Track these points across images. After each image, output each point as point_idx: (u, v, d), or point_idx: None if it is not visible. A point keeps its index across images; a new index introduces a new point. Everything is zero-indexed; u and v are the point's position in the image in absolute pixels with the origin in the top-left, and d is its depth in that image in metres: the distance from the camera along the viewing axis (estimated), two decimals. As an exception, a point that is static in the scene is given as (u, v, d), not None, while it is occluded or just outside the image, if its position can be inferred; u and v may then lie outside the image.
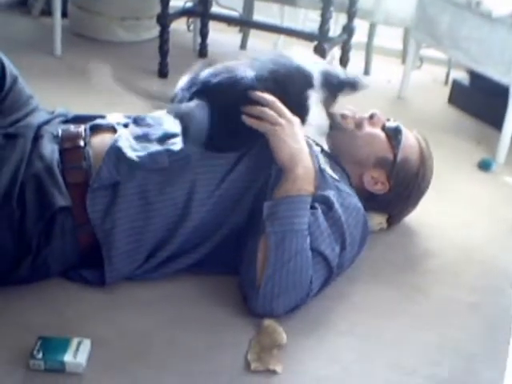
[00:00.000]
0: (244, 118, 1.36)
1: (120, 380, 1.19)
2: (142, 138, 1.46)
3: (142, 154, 1.41)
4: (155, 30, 2.98)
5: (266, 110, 1.37)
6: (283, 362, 1.26)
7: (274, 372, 1.24)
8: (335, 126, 1.56)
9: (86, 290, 1.38)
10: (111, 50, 2.86)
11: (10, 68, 1.50)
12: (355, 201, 1.49)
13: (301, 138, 1.41)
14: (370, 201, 1.57)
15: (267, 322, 1.34)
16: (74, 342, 1.21)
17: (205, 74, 1.39)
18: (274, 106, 1.37)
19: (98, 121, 1.52)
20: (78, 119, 1.53)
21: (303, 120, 1.43)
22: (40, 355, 1.18)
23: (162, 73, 2.61)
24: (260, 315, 1.34)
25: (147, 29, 3.02)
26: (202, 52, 2.90)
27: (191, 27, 3.10)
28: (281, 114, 1.38)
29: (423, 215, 1.76)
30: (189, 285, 1.43)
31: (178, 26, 2.90)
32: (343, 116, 1.60)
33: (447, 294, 1.53)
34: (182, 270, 1.43)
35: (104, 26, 2.96)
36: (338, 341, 1.35)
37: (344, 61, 2.56)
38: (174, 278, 1.43)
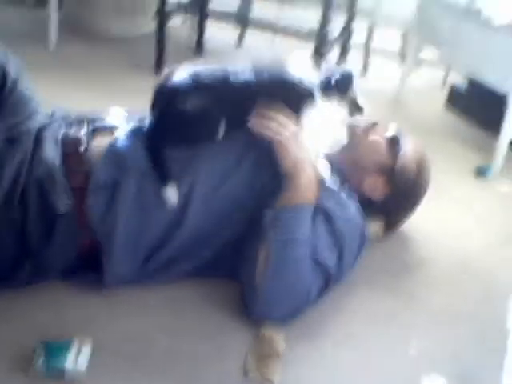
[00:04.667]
0: (251, 124, 1.37)
1: (120, 385, 1.19)
2: (140, 136, 1.44)
3: (140, 153, 1.39)
4: (151, 25, 2.96)
5: (271, 122, 1.38)
6: (280, 371, 1.26)
7: (270, 382, 1.24)
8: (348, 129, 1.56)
9: (86, 293, 1.37)
10: (106, 45, 2.84)
11: (12, 70, 1.48)
12: (354, 211, 1.50)
13: (304, 149, 1.41)
14: (368, 206, 1.57)
15: (265, 330, 1.34)
16: (75, 347, 1.21)
17: (205, 71, 1.39)
18: (277, 120, 1.39)
19: (98, 124, 1.50)
20: (77, 121, 1.51)
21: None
22: (40, 361, 1.17)
23: (158, 69, 2.58)
24: (259, 320, 1.35)
25: (143, 24, 3.00)
26: (199, 48, 2.89)
27: (187, 23, 3.07)
28: (285, 126, 1.39)
29: (419, 222, 1.77)
30: (189, 290, 1.43)
31: (174, 21, 2.87)
32: (354, 122, 1.60)
33: (443, 302, 1.54)
34: (182, 275, 1.43)
35: (99, 19, 2.93)
36: (336, 350, 1.35)
37: (342, 62, 2.55)
38: (174, 283, 1.43)
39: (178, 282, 1.43)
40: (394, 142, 1.63)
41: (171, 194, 1.36)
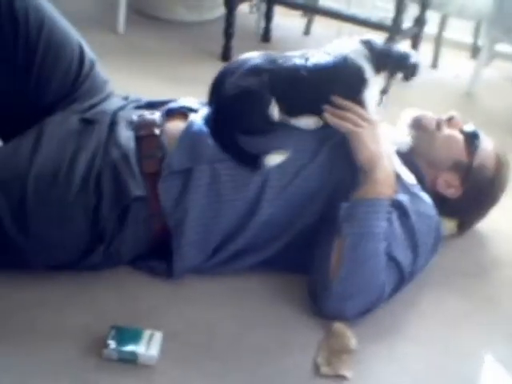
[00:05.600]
0: (327, 116, 1.36)
1: (190, 373, 1.19)
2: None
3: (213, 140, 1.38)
4: (217, 11, 2.95)
5: (348, 113, 1.36)
6: (353, 367, 1.23)
7: (343, 377, 1.22)
8: (418, 125, 1.55)
9: (154, 280, 1.37)
10: (173, 30, 2.85)
11: (89, 53, 1.49)
12: (429, 207, 1.45)
13: (382, 141, 1.39)
14: (442, 204, 1.52)
15: (337, 325, 1.32)
16: (147, 333, 1.21)
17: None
18: (354, 110, 1.37)
19: (172, 105, 1.49)
20: (151, 105, 1.52)
21: None
22: (113, 345, 1.18)
23: (226, 56, 2.58)
24: (330, 317, 1.32)
25: (210, 9, 2.99)
26: (266, 36, 2.87)
27: (253, 9, 3.04)
28: (362, 117, 1.37)
29: (495, 222, 1.70)
30: (257, 281, 1.42)
31: (241, 8, 2.85)
32: (425, 116, 1.57)
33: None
34: (251, 267, 1.42)
35: (167, 4, 2.94)
36: (407, 349, 1.32)
37: (413, 53, 2.47)
38: (243, 274, 1.41)
39: (246, 273, 1.41)
40: (472, 138, 1.57)
41: (275, 159, 1.35)
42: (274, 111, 1.35)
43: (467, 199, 1.57)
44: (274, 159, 1.35)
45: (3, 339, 1.19)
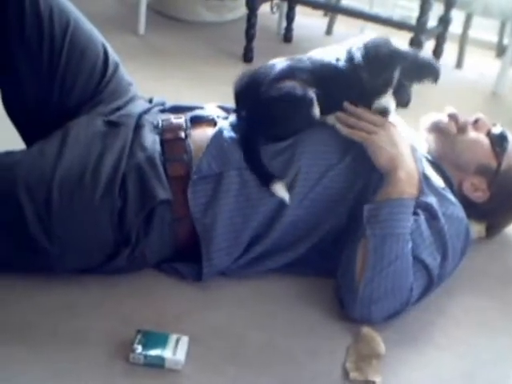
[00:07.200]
0: (339, 127, 1.36)
1: (217, 379, 1.17)
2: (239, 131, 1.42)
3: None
4: (238, 11, 2.94)
5: (359, 122, 1.36)
6: (382, 373, 1.21)
7: (373, 383, 1.20)
8: (437, 129, 1.53)
9: (180, 284, 1.36)
10: (194, 31, 2.84)
11: (113, 54, 1.48)
12: (459, 210, 1.43)
13: (400, 141, 1.38)
14: (469, 208, 1.49)
15: (365, 330, 1.30)
16: (173, 338, 1.20)
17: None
18: (366, 117, 1.36)
19: (198, 112, 1.48)
20: (176, 109, 1.51)
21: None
22: (140, 349, 1.17)
23: (247, 57, 2.57)
24: (357, 320, 1.30)
25: (231, 9, 2.98)
26: (287, 36, 2.85)
27: (274, 9, 3.02)
28: (375, 123, 1.36)
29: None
30: (284, 284, 1.40)
31: (262, 8, 2.83)
32: (443, 120, 1.54)
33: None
34: (276, 270, 1.40)
35: (187, 5, 2.93)
36: (437, 356, 1.29)
37: (438, 53, 2.44)
38: (269, 277, 1.40)
39: (273, 276, 1.40)
40: (500, 140, 1.53)
41: (280, 191, 1.33)
42: (316, 110, 1.34)
43: (495, 202, 1.53)
44: (281, 189, 1.33)
45: (28, 344, 1.19)
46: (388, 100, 1.34)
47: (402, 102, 1.37)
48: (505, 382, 1.26)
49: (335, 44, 1.43)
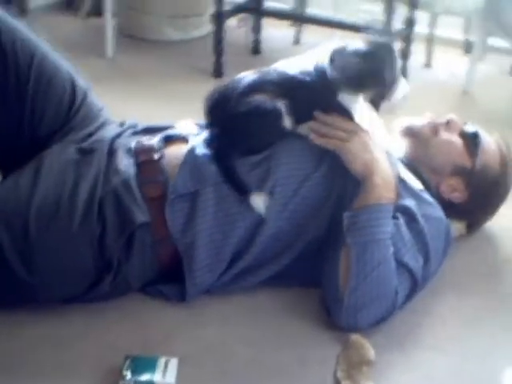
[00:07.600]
0: (312, 137, 1.36)
1: (208, 399, 1.17)
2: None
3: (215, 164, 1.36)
4: (204, 28, 2.95)
5: (331, 130, 1.36)
6: (373, 379, 1.21)
7: (365, 390, 1.20)
8: (410, 134, 1.54)
9: (166, 305, 1.35)
10: (162, 50, 2.84)
11: (81, 81, 1.48)
12: (437, 210, 1.44)
13: (374, 147, 1.38)
14: (449, 208, 1.50)
15: (354, 337, 1.29)
16: (162, 360, 1.19)
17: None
18: (337, 125, 1.36)
19: (170, 131, 1.48)
20: (148, 130, 1.50)
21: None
22: (129, 375, 1.15)
23: (218, 72, 2.57)
24: (345, 329, 1.30)
25: (196, 26, 2.99)
26: (256, 48, 2.85)
27: (241, 23, 3.03)
28: (347, 131, 1.36)
29: (503, 219, 1.67)
30: (269, 297, 1.40)
31: (230, 21, 2.84)
32: (415, 124, 1.56)
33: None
34: (260, 283, 1.40)
35: (153, 25, 2.93)
36: (427, 357, 1.30)
37: (406, 54, 2.46)
38: (254, 291, 1.40)
39: (257, 291, 1.40)
40: (473, 139, 1.54)
41: (257, 202, 1.33)
42: (288, 122, 1.34)
43: (474, 201, 1.55)
44: (258, 201, 1.33)
45: (13, 379, 1.17)
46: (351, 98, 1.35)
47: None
48: (493, 377, 1.26)
49: (303, 53, 1.44)
